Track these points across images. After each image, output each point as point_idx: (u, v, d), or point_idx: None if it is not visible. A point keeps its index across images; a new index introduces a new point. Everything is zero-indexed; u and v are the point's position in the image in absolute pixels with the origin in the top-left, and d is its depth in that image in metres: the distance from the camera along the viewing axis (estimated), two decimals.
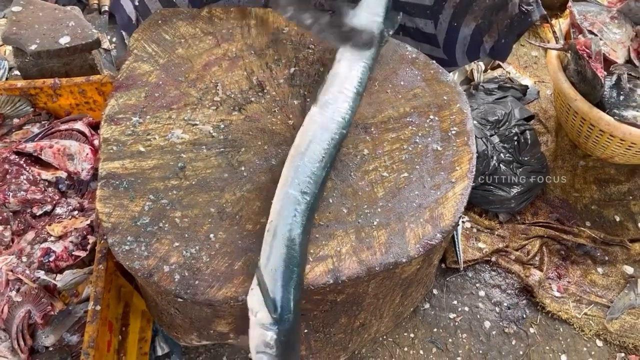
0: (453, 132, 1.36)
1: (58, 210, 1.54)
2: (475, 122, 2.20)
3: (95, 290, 1.32)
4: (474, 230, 2.18)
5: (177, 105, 1.35)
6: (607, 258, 2.14)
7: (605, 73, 1.98)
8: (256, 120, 1.35)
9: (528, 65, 2.82)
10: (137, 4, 1.63)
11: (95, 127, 1.73)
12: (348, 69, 1.31)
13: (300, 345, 1.17)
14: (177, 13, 1.52)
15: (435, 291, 2.06)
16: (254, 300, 1.04)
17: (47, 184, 1.57)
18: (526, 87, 2.60)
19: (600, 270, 2.11)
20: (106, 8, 2.78)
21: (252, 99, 1.39)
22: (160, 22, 1.49)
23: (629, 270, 2.10)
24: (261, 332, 1.03)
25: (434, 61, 1.51)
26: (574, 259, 2.14)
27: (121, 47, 1.68)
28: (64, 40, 1.81)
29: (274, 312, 1.02)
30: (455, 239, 2.09)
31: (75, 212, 1.55)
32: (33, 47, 1.78)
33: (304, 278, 1.09)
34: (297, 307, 1.05)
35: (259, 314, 1.03)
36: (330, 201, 1.22)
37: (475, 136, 1.63)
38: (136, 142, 1.27)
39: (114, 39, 2.71)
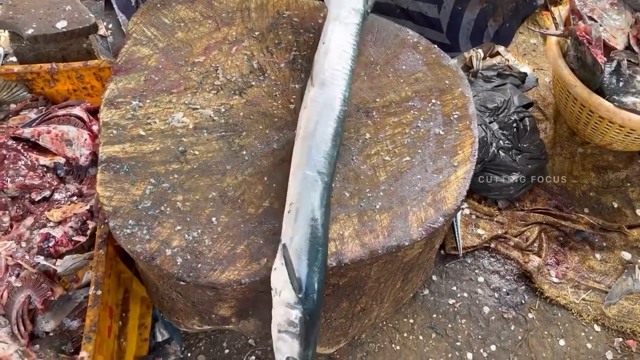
0: (455, 116, 1.36)
1: (57, 196, 1.53)
2: None
3: (96, 275, 1.32)
4: (473, 216, 2.19)
5: (177, 89, 1.34)
6: (605, 244, 2.15)
7: (605, 59, 1.97)
8: (257, 104, 1.34)
9: (527, 53, 2.81)
10: None
11: (93, 112, 1.71)
12: (338, 46, 1.29)
13: (319, 327, 1.16)
14: None
15: (434, 277, 2.06)
16: (278, 279, 1.03)
17: (45, 169, 1.55)
18: (525, 74, 2.58)
19: (598, 256, 2.12)
20: None
21: (253, 83, 1.38)
22: (159, 5, 1.48)
23: (627, 256, 2.11)
24: (285, 310, 1.02)
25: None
26: (572, 245, 2.14)
27: (118, 33, 1.66)
28: (61, 25, 1.79)
29: (299, 291, 1.01)
30: (455, 226, 2.09)
31: (74, 198, 1.54)
32: (30, 31, 1.76)
33: (327, 259, 1.09)
34: (321, 287, 1.05)
35: (282, 293, 1.02)
36: (333, 185, 1.22)
37: None
38: (136, 126, 1.26)
39: (110, 26, 2.68)
